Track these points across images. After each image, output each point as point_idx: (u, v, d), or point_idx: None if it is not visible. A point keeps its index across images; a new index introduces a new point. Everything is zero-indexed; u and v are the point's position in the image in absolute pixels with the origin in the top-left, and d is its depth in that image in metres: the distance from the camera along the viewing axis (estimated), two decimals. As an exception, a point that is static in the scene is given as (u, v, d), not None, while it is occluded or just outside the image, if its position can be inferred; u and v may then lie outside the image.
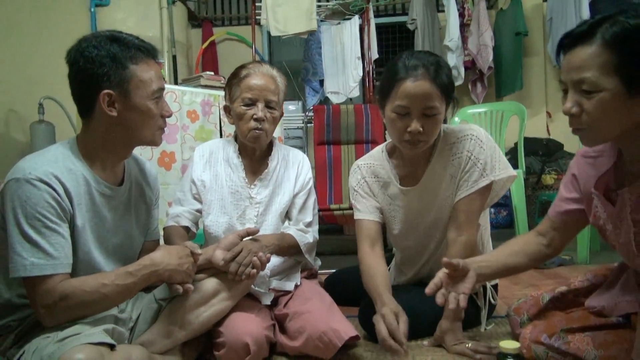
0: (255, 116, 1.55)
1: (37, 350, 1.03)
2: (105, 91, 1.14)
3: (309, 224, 1.65)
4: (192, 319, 1.30)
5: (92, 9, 4.13)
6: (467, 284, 1.19)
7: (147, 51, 1.20)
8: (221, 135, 2.67)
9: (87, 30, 4.14)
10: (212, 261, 1.36)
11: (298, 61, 4.54)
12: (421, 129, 1.37)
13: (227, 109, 1.66)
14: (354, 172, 1.65)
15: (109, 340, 1.05)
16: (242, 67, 1.62)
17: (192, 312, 1.30)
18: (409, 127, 1.38)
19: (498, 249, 1.37)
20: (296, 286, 1.60)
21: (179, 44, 4.52)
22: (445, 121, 1.52)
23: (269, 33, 4.14)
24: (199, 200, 1.64)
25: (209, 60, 4.98)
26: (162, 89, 1.24)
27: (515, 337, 1.44)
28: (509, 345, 1.15)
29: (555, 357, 1.22)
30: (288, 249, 1.57)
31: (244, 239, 1.43)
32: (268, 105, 1.58)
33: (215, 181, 1.63)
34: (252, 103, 1.56)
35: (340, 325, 1.39)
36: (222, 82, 2.80)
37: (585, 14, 4.16)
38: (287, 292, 1.58)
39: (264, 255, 1.39)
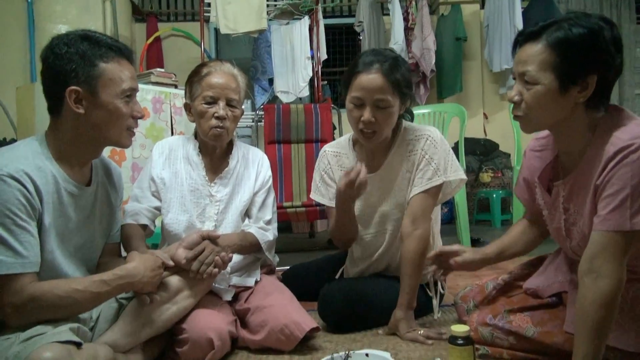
0: (216, 114, 1.56)
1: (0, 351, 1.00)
2: (72, 88, 1.14)
3: (268, 222, 1.68)
4: (155, 317, 1.30)
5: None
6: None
7: (120, 50, 1.20)
8: (172, 133, 2.64)
9: (24, 21, 3.94)
10: (174, 259, 1.37)
11: (246, 59, 4.52)
12: (373, 119, 1.51)
13: (187, 107, 1.65)
14: (321, 157, 1.80)
15: (75, 338, 1.04)
16: (203, 65, 1.63)
17: (155, 310, 1.30)
18: (362, 117, 1.51)
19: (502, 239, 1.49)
20: (256, 282, 1.63)
21: (123, 38, 4.37)
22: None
23: (216, 30, 4.11)
24: (158, 198, 1.62)
25: (154, 56, 4.87)
26: (134, 89, 1.23)
27: (463, 324, 1.55)
28: (459, 328, 1.25)
29: (500, 337, 1.35)
30: (249, 247, 1.60)
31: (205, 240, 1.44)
32: (229, 103, 1.59)
33: (175, 179, 1.62)
34: (213, 101, 1.57)
35: (300, 317, 1.44)
36: (173, 79, 2.77)
37: (519, 21, 4.45)
38: (248, 288, 1.60)
39: (227, 255, 1.41)
